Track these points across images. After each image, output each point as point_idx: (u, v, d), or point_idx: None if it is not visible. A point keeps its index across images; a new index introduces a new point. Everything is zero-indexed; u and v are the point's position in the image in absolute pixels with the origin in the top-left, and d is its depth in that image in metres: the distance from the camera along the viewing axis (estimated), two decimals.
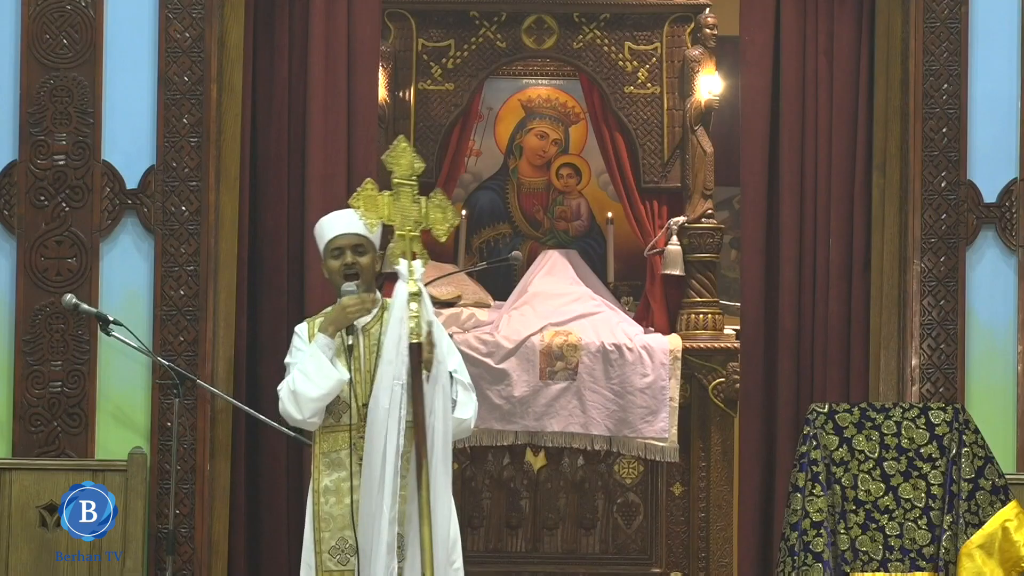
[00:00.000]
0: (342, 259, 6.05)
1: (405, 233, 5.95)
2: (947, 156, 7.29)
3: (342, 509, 5.97)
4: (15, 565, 6.93)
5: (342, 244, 6.06)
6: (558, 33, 9.83)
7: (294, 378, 5.94)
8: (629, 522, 9.30)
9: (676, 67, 9.74)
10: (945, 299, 7.25)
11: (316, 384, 5.91)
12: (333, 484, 5.99)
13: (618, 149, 9.75)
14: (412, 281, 5.88)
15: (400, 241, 5.94)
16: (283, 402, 5.96)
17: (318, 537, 6.00)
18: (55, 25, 7.16)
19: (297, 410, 5.93)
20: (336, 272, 6.07)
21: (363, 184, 5.97)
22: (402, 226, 5.95)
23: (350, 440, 5.96)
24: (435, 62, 9.79)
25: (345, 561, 5.97)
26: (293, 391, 5.92)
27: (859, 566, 6.38)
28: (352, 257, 6.05)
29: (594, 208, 10.36)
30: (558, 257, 9.83)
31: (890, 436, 6.43)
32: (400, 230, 5.95)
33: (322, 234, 6.15)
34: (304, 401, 5.91)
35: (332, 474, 5.99)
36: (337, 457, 5.99)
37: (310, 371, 5.91)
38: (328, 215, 6.23)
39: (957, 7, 7.29)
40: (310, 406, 5.92)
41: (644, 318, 9.58)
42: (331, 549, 5.98)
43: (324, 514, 5.99)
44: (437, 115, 9.80)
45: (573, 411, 9.02)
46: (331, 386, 5.92)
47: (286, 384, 5.97)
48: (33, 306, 7.11)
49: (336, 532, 5.98)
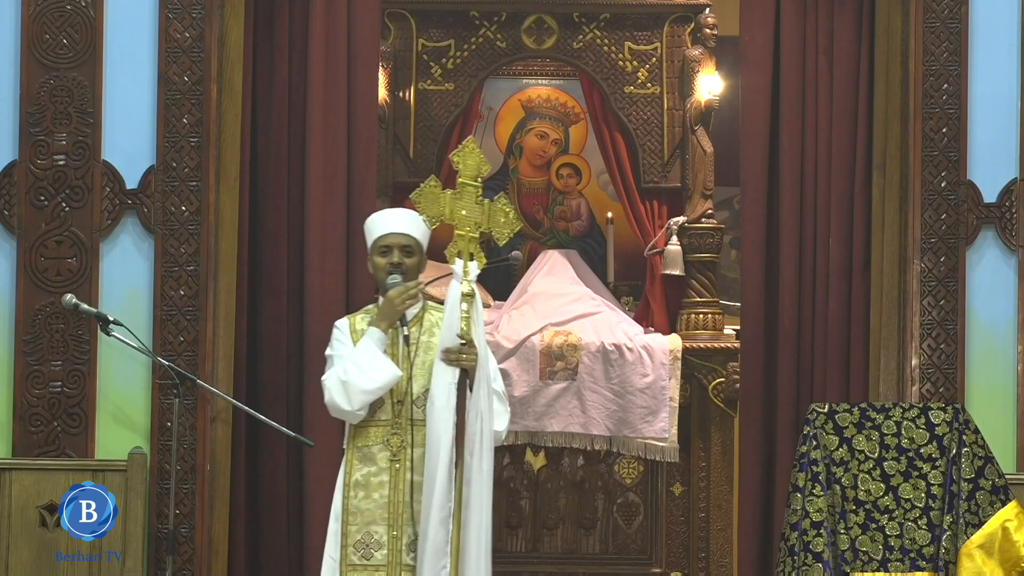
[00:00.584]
0: (389, 257, 6.09)
1: (464, 233, 6.00)
2: (947, 156, 7.29)
3: (370, 504, 6.00)
4: (15, 565, 6.93)
5: (391, 243, 6.10)
6: (558, 33, 9.83)
7: (346, 368, 5.96)
8: (629, 522, 9.30)
9: (676, 67, 9.73)
10: (945, 299, 7.25)
11: (370, 377, 5.94)
12: (363, 479, 6.02)
13: (618, 149, 9.75)
14: (466, 282, 5.92)
15: (459, 240, 5.98)
16: (330, 392, 5.99)
17: (345, 531, 6.03)
18: (55, 25, 7.16)
19: (346, 401, 5.96)
20: (381, 269, 6.11)
21: (427, 180, 6.02)
22: (462, 226, 5.99)
23: (383, 435, 6.00)
24: (435, 62, 9.79)
25: (369, 556, 6.00)
26: (344, 381, 5.95)
27: (859, 566, 6.38)
28: (399, 257, 6.08)
29: (594, 208, 10.35)
30: (558, 257, 9.83)
31: (890, 436, 6.43)
32: (459, 230, 5.99)
33: (372, 230, 6.19)
34: (355, 392, 5.94)
35: (363, 468, 6.03)
36: (369, 452, 6.03)
37: (364, 364, 5.94)
38: (380, 211, 6.28)
39: (957, 7, 7.29)
40: (361, 398, 5.96)
41: (644, 318, 9.58)
42: (356, 543, 6.01)
43: (352, 508, 6.02)
44: (437, 115, 9.80)
45: (573, 411, 9.01)
46: (386, 380, 5.96)
47: (334, 374, 5.99)
48: (33, 306, 7.11)
49: (362, 527, 6.01)
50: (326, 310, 7.45)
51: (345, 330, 6.12)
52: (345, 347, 6.06)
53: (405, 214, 6.14)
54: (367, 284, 7.61)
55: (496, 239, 6.10)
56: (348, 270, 7.55)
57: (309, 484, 7.40)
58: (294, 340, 7.52)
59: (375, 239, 6.15)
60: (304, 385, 7.46)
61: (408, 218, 6.12)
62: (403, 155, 9.65)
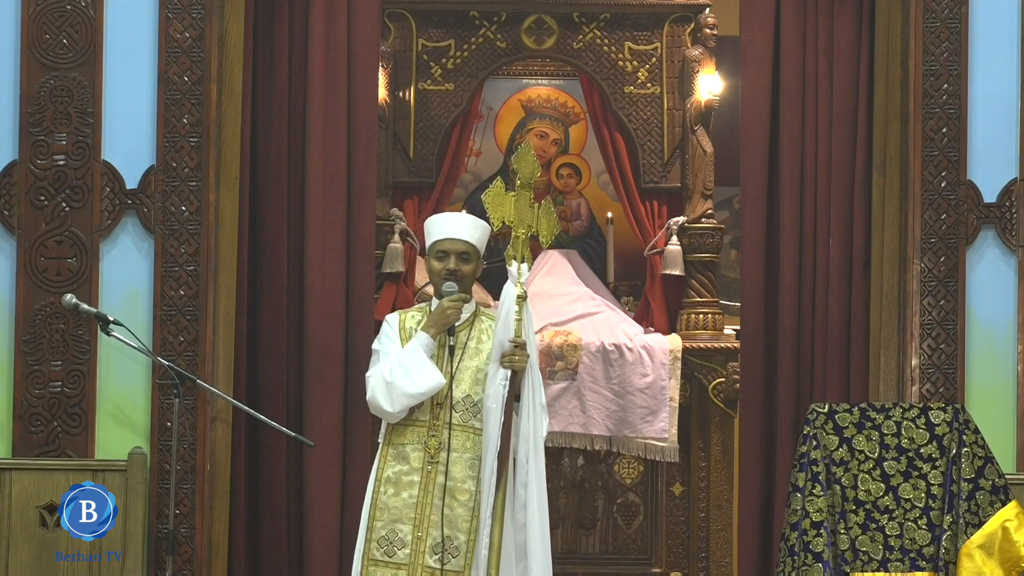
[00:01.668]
0: (445, 263, 6.12)
1: (520, 235, 6.04)
2: (947, 156, 7.29)
3: (398, 502, 6.04)
4: (15, 565, 6.93)
5: (448, 248, 6.14)
6: (558, 33, 9.82)
7: (392, 370, 6.00)
8: (629, 522, 9.30)
9: (676, 67, 9.73)
10: (945, 299, 7.25)
11: (415, 382, 5.99)
12: (395, 476, 6.06)
13: (618, 149, 9.75)
14: (519, 284, 5.95)
15: (515, 243, 6.03)
16: (372, 390, 6.04)
17: (371, 525, 6.06)
18: (55, 25, 7.16)
19: (388, 402, 6.01)
20: (437, 274, 6.15)
21: (493, 183, 6.12)
22: (518, 228, 6.03)
23: (421, 436, 6.03)
24: (435, 62, 9.78)
25: (392, 553, 6.03)
26: (389, 383, 5.99)
27: (859, 566, 6.38)
28: (456, 263, 6.12)
29: (594, 208, 10.35)
30: (558, 257, 9.83)
31: (890, 436, 6.43)
32: (516, 232, 6.03)
33: (431, 232, 6.22)
34: (398, 395, 5.99)
35: (396, 466, 6.07)
36: (404, 450, 6.07)
37: (411, 367, 5.99)
38: (442, 214, 6.33)
39: (957, 7, 7.29)
40: (403, 401, 6.01)
41: (644, 318, 9.57)
42: (380, 539, 6.04)
43: (381, 504, 6.06)
44: (437, 115, 9.79)
45: (573, 411, 9.01)
46: (430, 387, 6.02)
47: (379, 373, 6.04)
48: (33, 306, 7.11)
49: (388, 523, 6.04)
50: (326, 310, 7.46)
51: (395, 326, 6.17)
52: (393, 344, 6.11)
53: (466, 219, 6.18)
54: (367, 284, 7.63)
55: (541, 241, 6.20)
56: (348, 270, 7.55)
57: (309, 484, 7.40)
58: (294, 340, 7.52)
59: (433, 242, 6.18)
60: (304, 385, 7.47)
61: (469, 224, 6.15)
62: (403, 155, 9.65)
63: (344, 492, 7.43)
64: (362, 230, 7.58)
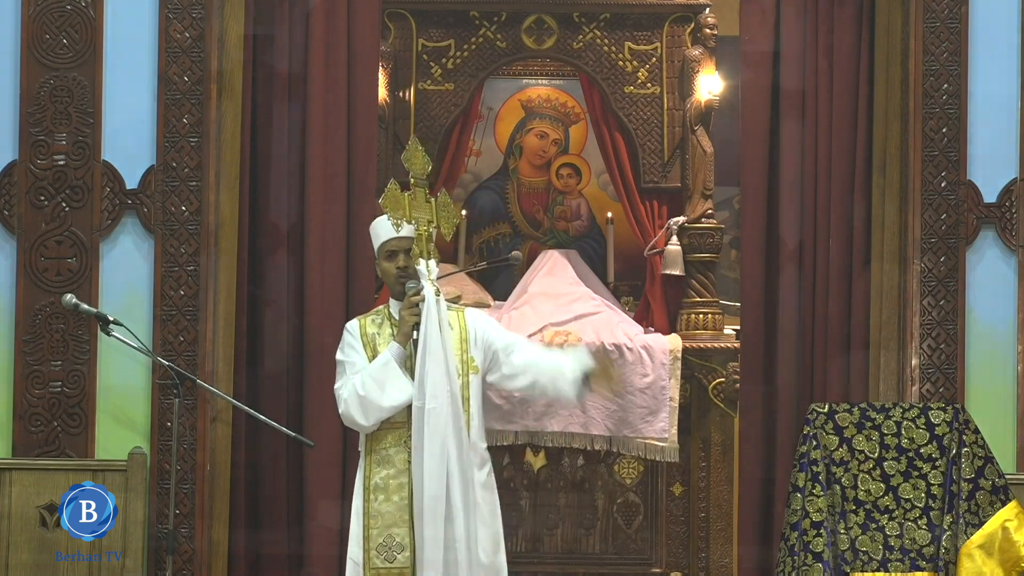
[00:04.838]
0: (395, 262, 6.15)
1: (422, 232, 6.05)
2: (947, 156, 7.29)
3: (390, 507, 6.04)
4: (15, 565, 6.93)
5: (395, 248, 6.17)
6: (558, 33, 9.83)
7: (364, 384, 6.00)
8: (629, 522, 9.30)
9: (676, 67, 9.73)
10: (945, 299, 7.25)
11: (390, 395, 6.01)
12: (382, 482, 6.06)
13: (618, 149, 9.75)
14: (431, 281, 5.97)
15: (418, 241, 6.03)
16: (346, 404, 6.04)
17: (367, 534, 6.06)
18: (55, 25, 7.16)
19: (363, 416, 6.02)
20: (391, 275, 6.18)
21: (388, 185, 6.08)
22: (419, 226, 6.05)
23: (400, 436, 6.04)
24: (435, 62, 9.79)
25: (392, 559, 6.03)
26: (362, 397, 6.00)
27: (859, 566, 6.38)
28: (404, 260, 6.15)
29: (594, 208, 10.35)
30: (558, 257, 9.82)
31: (890, 436, 6.43)
32: (418, 229, 6.04)
33: (377, 235, 6.26)
34: (373, 409, 6.00)
35: (381, 471, 6.07)
36: (386, 454, 6.07)
37: (385, 381, 5.99)
38: (383, 216, 6.31)
39: (957, 7, 7.29)
40: (377, 414, 6.04)
41: (644, 318, 9.57)
42: (378, 547, 6.04)
43: (373, 511, 6.06)
44: (437, 115, 9.79)
45: (573, 411, 9.00)
46: (403, 399, 6.03)
47: (351, 387, 6.04)
48: (33, 306, 7.11)
49: (384, 529, 6.04)
50: (326, 310, 7.46)
51: (356, 334, 6.16)
52: (357, 353, 6.11)
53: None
54: (367, 284, 7.63)
55: (444, 233, 6.19)
56: (348, 270, 7.55)
57: (309, 484, 7.40)
58: (294, 340, 7.52)
59: (381, 243, 6.21)
60: (304, 385, 7.46)
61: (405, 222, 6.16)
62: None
63: (344, 492, 7.41)
64: (362, 230, 7.57)
